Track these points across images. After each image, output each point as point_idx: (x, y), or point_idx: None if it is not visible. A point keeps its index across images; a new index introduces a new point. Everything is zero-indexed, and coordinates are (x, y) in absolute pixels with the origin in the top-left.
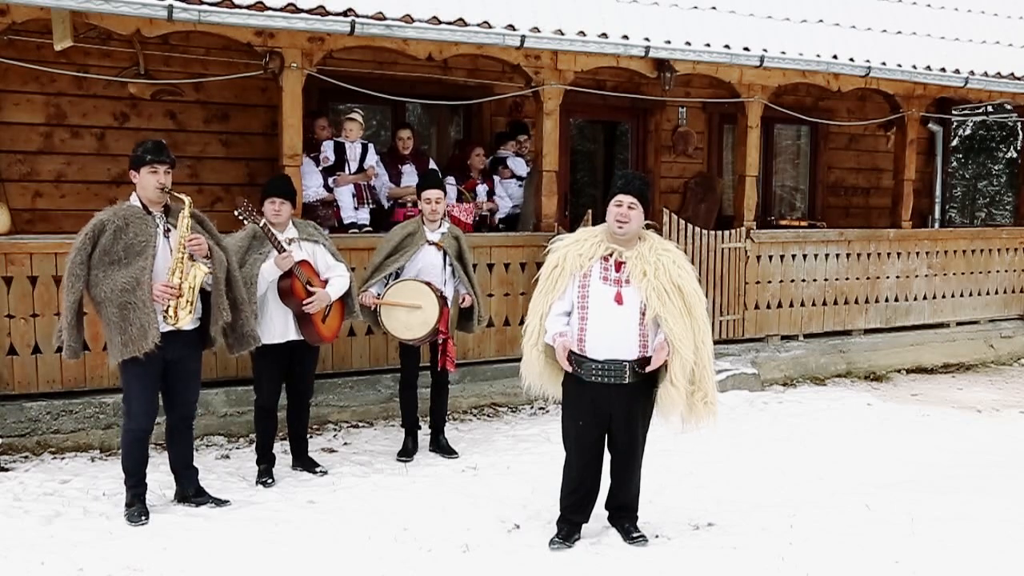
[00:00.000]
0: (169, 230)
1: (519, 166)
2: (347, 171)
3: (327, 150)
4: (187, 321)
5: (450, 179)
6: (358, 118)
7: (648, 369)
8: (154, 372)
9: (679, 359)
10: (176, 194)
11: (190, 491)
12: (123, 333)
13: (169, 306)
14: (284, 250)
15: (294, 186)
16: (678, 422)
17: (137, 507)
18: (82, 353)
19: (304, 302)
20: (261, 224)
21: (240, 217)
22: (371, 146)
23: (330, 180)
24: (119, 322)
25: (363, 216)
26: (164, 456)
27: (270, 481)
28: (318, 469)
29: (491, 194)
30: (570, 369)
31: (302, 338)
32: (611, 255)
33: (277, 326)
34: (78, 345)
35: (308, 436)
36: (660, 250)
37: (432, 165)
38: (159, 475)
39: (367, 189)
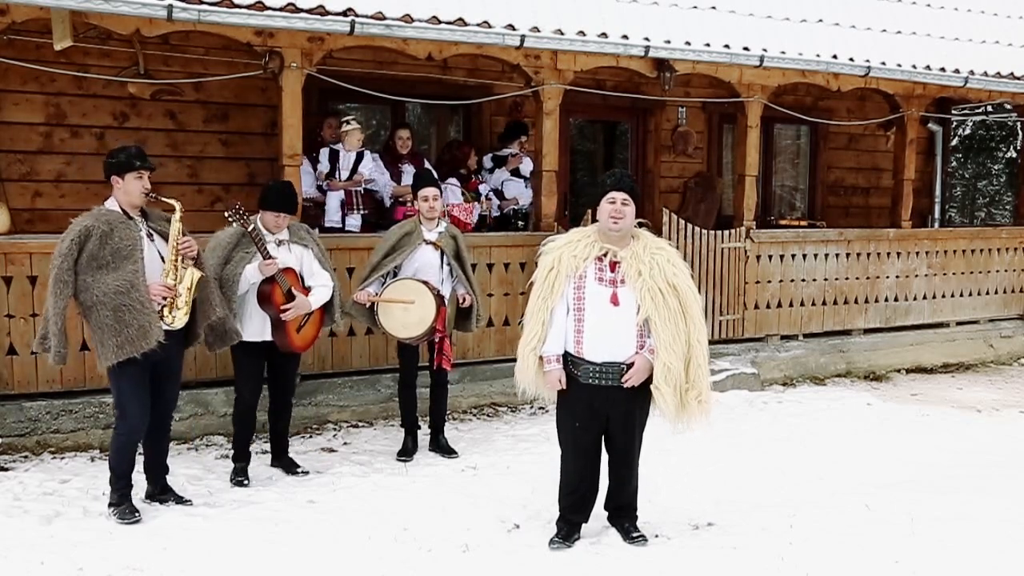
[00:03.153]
0: (152, 234)
1: (527, 164)
2: (337, 179)
3: (322, 158)
4: (182, 321)
5: (453, 180)
6: (357, 128)
7: (627, 384)
8: (146, 372)
9: (661, 364)
10: (164, 199)
11: (157, 489)
12: (118, 335)
13: (164, 306)
14: (270, 257)
15: (296, 196)
16: (671, 421)
17: (127, 505)
18: (68, 357)
19: (281, 309)
20: (251, 228)
21: (231, 220)
22: (367, 153)
23: (323, 183)
24: (114, 324)
25: (352, 223)
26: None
27: (246, 481)
28: (299, 470)
29: (489, 194)
30: (556, 388)
31: None
32: (605, 255)
33: (256, 325)
34: (66, 350)
35: (292, 434)
36: (654, 249)
37: (427, 165)
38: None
39: (358, 195)
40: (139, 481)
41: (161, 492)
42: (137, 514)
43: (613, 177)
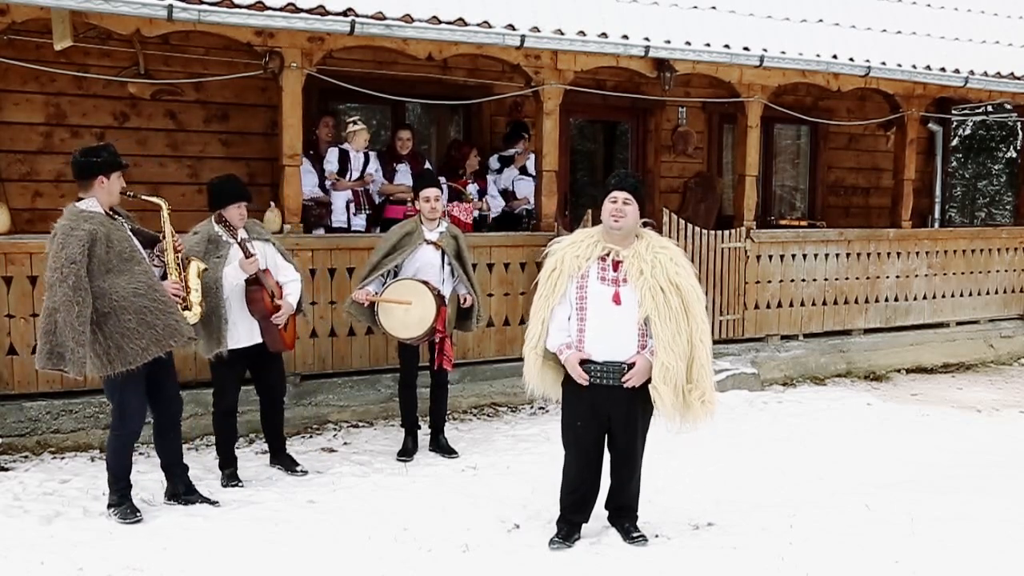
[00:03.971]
0: (134, 231)
1: (530, 163)
2: (348, 178)
3: (331, 158)
4: (198, 315)
5: (440, 179)
6: (364, 128)
7: (627, 384)
8: (144, 374)
9: (660, 363)
10: (146, 197)
11: (181, 488)
12: (141, 338)
13: (177, 304)
14: (251, 254)
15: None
16: (675, 421)
17: (127, 505)
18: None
19: (274, 316)
20: (239, 239)
21: (218, 230)
22: (372, 154)
23: (327, 182)
24: (137, 328)
25: (358, 223)
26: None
27: (239, 483)
28: (298, 468)
29: (483, 193)
30: (586, 381)
31: None
32: (608, 255)
33: (242, 329)
34: (86, 358)
35: (292, 435)
36: (657, 248)
37: (427, 165)
38: (158, 474)
39: (363, 195)
40: (139, 480)
41: (187, 492)
42: (138, 514)
43: (617, 177)
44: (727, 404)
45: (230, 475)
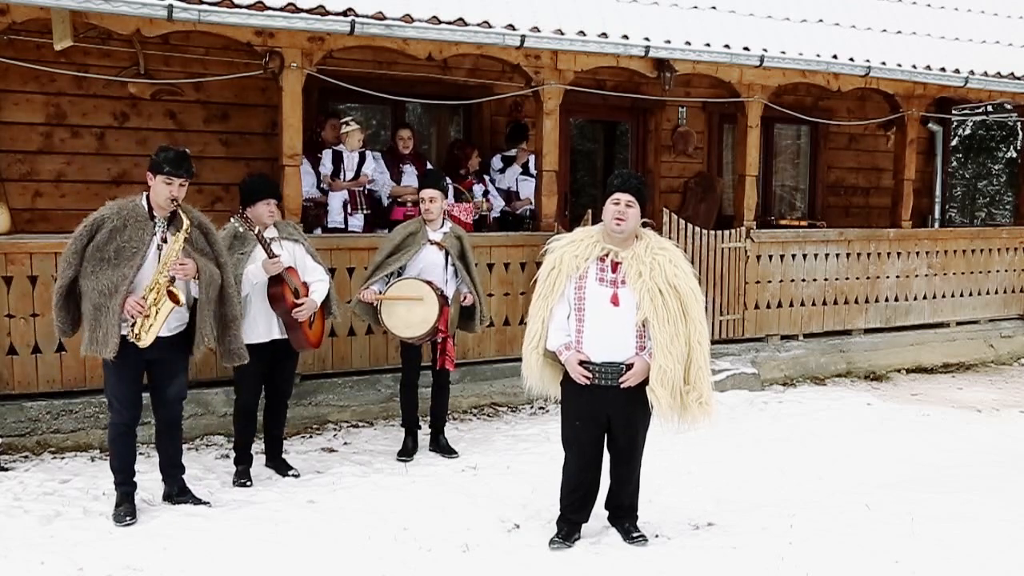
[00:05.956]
0: (166, 239)
1: (532, 163)
2: (342, 179)
3: (325, 159)
4: (148, 342)
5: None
6: (357, 129)
7: (623, 385)
8: (132, 367)
9: (657, 366)
10: (182, 212)
11: (174, 490)
12: (92, 332)
13: (135, 323)
14: (274, 255)
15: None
16: (672, 423)
17: (124, 507)
18: (71, 332)
19: (294, 310)
20: (256, 232)
21: (238, 226)
22: (369, 153)
23: (323, 183)
24: (91, 321)
25: (355, 223)
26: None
27: (248, 482)
28: (290, 472)
29: (486, 193)
30: (587, 381)
31: (285, 337)
32: (607, 255)
33: (261, 325)
34: (65, 325)
35: (293, 434)
36: (656, 249)
37: (429, 166)
38: (159, 474)
39: (361, 195)
40: (139, 480)
41: (179, 494)
42: (128, 518)
43: (620, 178)
44: (727, 404)
45: (241, 472)
